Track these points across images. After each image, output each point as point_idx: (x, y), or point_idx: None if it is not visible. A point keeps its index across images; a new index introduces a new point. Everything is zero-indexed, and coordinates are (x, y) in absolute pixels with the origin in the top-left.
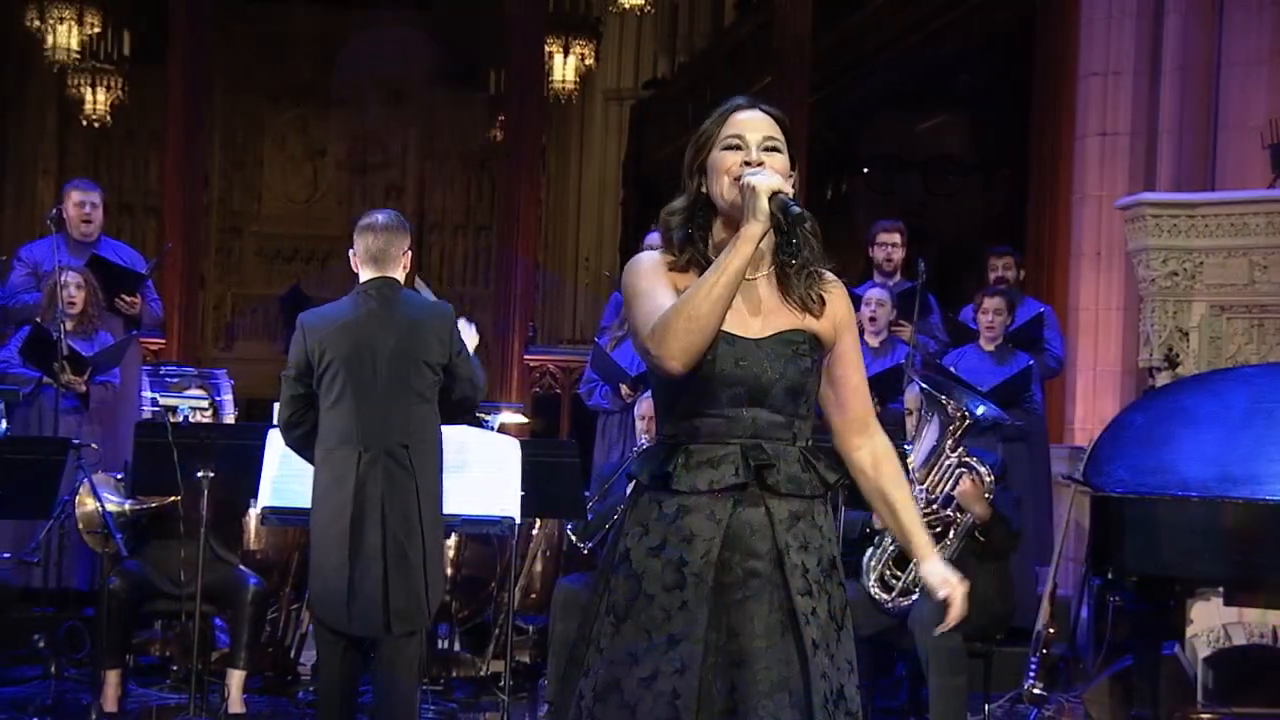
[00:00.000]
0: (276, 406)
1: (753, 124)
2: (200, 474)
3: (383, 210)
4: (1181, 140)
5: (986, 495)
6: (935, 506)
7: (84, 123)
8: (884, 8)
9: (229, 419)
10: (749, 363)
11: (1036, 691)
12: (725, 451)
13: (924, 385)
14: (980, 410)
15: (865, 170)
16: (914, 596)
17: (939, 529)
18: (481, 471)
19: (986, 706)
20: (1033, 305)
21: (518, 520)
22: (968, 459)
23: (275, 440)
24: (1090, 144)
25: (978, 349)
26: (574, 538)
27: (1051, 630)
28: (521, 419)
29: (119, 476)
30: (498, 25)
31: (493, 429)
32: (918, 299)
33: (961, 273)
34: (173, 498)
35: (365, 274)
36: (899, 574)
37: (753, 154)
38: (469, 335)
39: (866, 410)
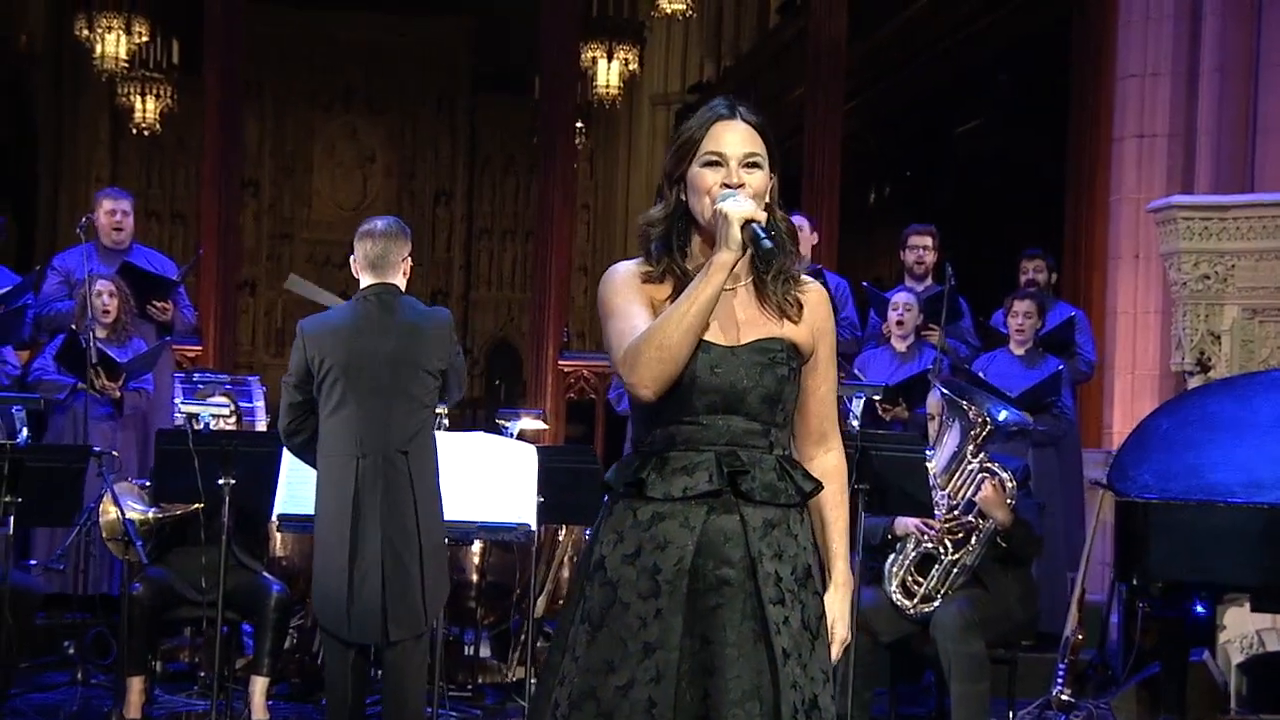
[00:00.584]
0: None
1: (734, 139)
2: (221, 481)
3: (382, 217)
4: (1220, 142)
5: (1008, 501)
6: (957, 512)
7: (134, 131)
8: (921, 12)
9: (261, 426)
10: (725, 371)
11: (1064, 698)
12: (700, 458)
13: (945, 390)
14: (1002, 415)
15: (908, 174)
16: (936, 603)
17: (961, 535)
18: (497, 478)
19: (1011, 713)
20: (1064, 309)
21: (533, 527)
22: (989, 464)
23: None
24: (1128, 146)
25: (1008, 353)
26: None
27: (1080, 636)
28: (541, 425)
29: (145, 484)
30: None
31: (512, 435)
32: (945, 303)
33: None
34: (196, 505)
35: (365, 280)
36: (921, 580)
37: (733, 175)
38: None
39: (828, 423)
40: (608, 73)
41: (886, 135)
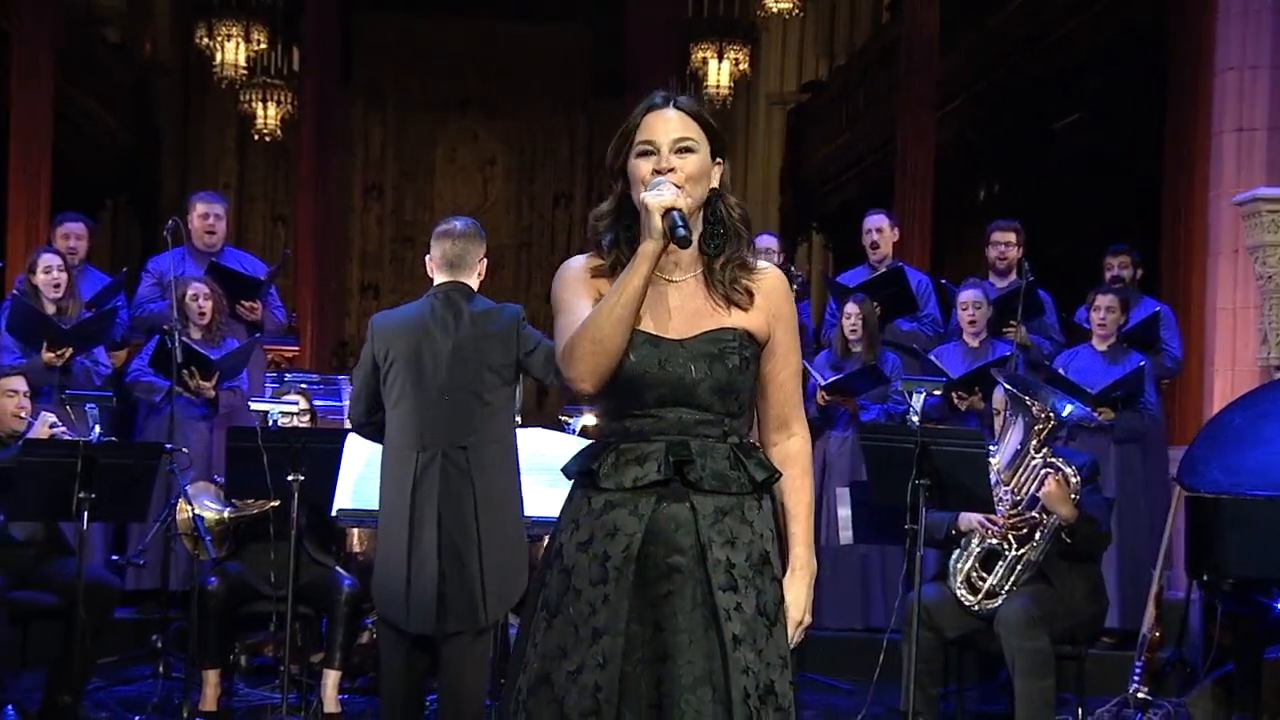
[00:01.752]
0: None
1: (665, 125)
2: (290, 478)
3: (459, 218)
4: None
5: (1072, 496)
6: (1021, 508)
7: (256, 137)
8: (1024, 8)
9: (348, 425)
10: (672, 364)
11: (1141, 695)
12: (651, 449)
13: (1007, 386)
14: (1066, 410)
15: (1008, 171)
16: (1001, 599)
17: (1025, 531)
18: (552, 474)
19: (1081, 710)
20: (1149, 305)
21: None
22: (1053, 459)
23: (350, 444)
24: (1227, 139)
25: (1090, 349)
26: None
27: (1157, 634)
28: None
29: (220, 481)
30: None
31: (574, 432)
32: (1022, 300)
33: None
34: (271, 504)
35: (439, 278)
36: (985, 576)
37: (663, 160)
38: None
39: (790, 408)
40: (718, 73)
41: (993, 131)
